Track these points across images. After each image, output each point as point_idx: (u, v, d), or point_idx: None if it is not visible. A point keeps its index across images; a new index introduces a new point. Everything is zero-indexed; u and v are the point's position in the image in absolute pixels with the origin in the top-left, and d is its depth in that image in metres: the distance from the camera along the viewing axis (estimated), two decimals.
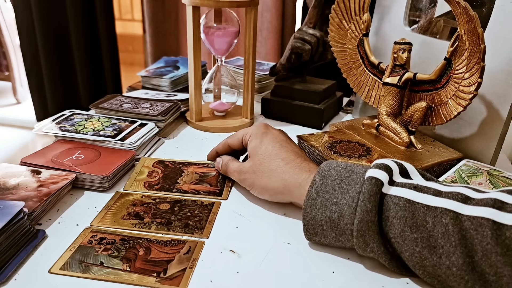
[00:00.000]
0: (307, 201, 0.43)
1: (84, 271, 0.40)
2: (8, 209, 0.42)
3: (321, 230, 0.43)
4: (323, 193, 0.43)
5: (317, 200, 0.43)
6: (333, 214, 0.41)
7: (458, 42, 0.53)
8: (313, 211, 0.43)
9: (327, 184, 0.43)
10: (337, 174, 0.43)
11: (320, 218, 0.42)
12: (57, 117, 0.69)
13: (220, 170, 0.57)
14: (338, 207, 0.41)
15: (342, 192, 0.42)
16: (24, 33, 1.95)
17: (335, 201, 0.42)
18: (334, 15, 0.69)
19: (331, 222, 0.42)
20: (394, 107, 0.62)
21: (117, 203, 0.52)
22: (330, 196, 0.42)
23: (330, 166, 0.45)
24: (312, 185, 0.44)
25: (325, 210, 0.42)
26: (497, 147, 0.58)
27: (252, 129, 0.54)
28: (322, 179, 0.44)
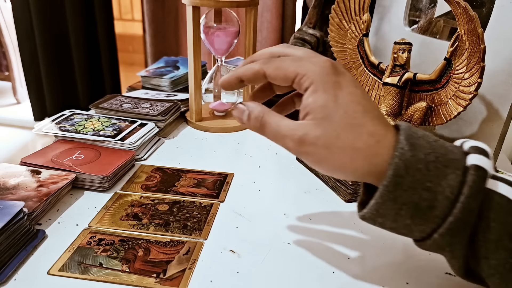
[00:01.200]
0: (392, 178, 0.32)
1: (83, 272, 0.40)
2: (8, 209, 0.42)
3: (396, 213, 0.34)
4: (414, 171, 0.32)
5: (405, 178, 0.32)
6: (422, 202, 0.32)
7: (458, 42, 0.53)
8: (398, 191, 0.33)
9: (419, 158, 0.32)
10: (429, 146, 0.33)
11: (403, 202, 0.33)
12: (57, 117, 0.69)
13: (247, 123, 0.38)
14: (431, 194, 0.32)
15: (438, 175, 0.32)
16: (23, 32, 1.95)
17: (428, 185, 0.32)
18: (334, 15, 0.69)
19: (416, 210, 0.33)
20: (394, 107, 0.62)
21: (116, 204, 0.52)
22: (423, 177, 0.32)
23: (415, 130, 0.35)
24: (400, 156, 0.33)
25: (413, 194, 0.32)
26: (497, 147, 0.58)
27: (312, 70, 0.35)
28: (412, 149, 0.33)
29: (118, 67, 1.97)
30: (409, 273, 0.42)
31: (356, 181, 0.38)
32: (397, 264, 0.43)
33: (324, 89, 0.35)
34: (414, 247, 0.37)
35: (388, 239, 0.47)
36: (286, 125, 0.36)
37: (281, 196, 0.56)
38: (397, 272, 0.42)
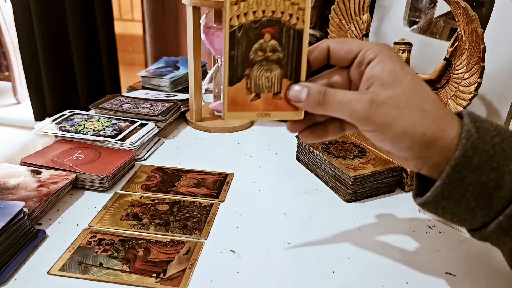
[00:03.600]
0: (460, 158, 0.33)
1: (83, 272, 0.40)
2: (8, 209, 0.42)
3: (461, 195, 0.34)
4: (481, 153, 0.33)
5: (473, 159, 0.33)
6: (489, 182, 0.33)
7: (458, 42, 0.53)
8: (465, 171, 0.33)
9: (485, 140, 0.34)
10: (494, 129, 0.34)
11: (469, 182, 0.34)
12: (57, 117, 0.69)
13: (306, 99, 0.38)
14: (498, 175, 0.33)
15: (505, 156, 0.33)
16: (23, 32, 1.95)
17: (495, 166, 0.33)
18: (334, 16, 0.69)
19: (482, 190, 0.33)
20: None
21: (116, 204, 0.52)
22: (490, 159, 0.33)
23: (478, 115, 0.36)
24: (467, 137, 0.33)
25: (481, 174, 0.33)
26: None
27: (376, 45, 0.38)
28: (479, 131, 0.34)
29: (118, 67, 1.97)
30: (409, 273, 0.42)
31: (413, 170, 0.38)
32: (398, 264, 0.43)
33: (391, 59, 0.36)
34: (414, 247, 0.37)
35: (389, 240, 0.47)
36: (351, 92, 0.36)
37: (281, 196, 0.56)
38: (397, 272, 0.42)
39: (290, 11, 0.37)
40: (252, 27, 0.36)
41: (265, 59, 0.38)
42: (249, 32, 0.36)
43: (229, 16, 0.34)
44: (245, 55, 0.37)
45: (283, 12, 0.37)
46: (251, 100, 0.38)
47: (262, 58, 0.38)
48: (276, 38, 0.37)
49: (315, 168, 0.61)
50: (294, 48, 0.38)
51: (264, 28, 0.37)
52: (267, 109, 0.39)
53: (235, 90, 0.38)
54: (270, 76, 0.38)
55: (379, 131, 0.36)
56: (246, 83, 0.38)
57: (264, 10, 0.37)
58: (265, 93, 0.39)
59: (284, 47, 0.38)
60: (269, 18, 0.37)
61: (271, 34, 0.37)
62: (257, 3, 0.36)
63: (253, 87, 0.38)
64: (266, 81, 0.39)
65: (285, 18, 0.37)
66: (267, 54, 0.38)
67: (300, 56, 0.39)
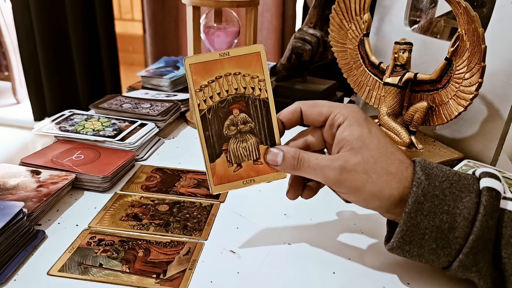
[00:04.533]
0: (413, 205, 0.36)
1: (83, 272, 0.40)
2: (8, 210, 0.42)
3: (421, 239, 0.37)
4: (432, 197, 0.36)
5: (424, 204, 0.36)
6: (443, 224, 0.36)
7: (459, 42, 0.53)
8: (418, 216, 0.36)
9: (435, 186, 0.36)
10: (443, 174, 0.37)
11: (425, 226, 0.36)
12: (56, 117, 0.69)
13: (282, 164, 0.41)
14: (450, 217, 0.36)
15: (455, 199, 0.36)
16: (23, 32, 1.95)
17: (446, 209, 0.36)
18: (334, 15, 0.69)
19: (438, 232, 0.36)
20: (395, 107, 0.62)
21: (116, 204, 0.52)
22: (440, 202, 0.36)
23: (429, 163, 0.39)
24: (417, 185, 0.36)
25: (434, 218, 0.36)
26: (497, 147, 0.58)
27: (345, 109, 0.40)
28: (428, 178, 0.37)
29: (118, 67, 1.97)
30: (411, 273, 0.42)
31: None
32: (399, 265, 0.43)
33: (359, 123, 0.39)
34: None
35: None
36: (324, 158, 0.39)
37: (281, 196, 0.56)
38: (399, 272, 0.42)
39: (251, 85, 0.40)
40: (220, 107, 0.39)
41: (239, 131, 0.40)
42: (218, 112, 0.39)
43: (196, 102, 0.37)
44: (219, 132, 0.40)
45: (245, 87, 0.40)
46: (234, 171, 0.41)
47: (236, 131, 0.40)
48: (244, 111, 0.40)
49: None
50: (263, 116, 0.41)
51: (231, 105, 0.39)
52: (251, 175, 0.42)
53: (217, 166, 0.41)
54: (247, 146, 0.41)
55: (351, 194, 0.39)
56: (226, 157, 0.40)
57: (227, 90, 0.39)
58: (246, 162, 0.41)
59: (254, 117, 0.41)
60: (233, 95, 0.39)
61: (239, 109, 0.40)
62: (219, 84, 0.38)
63: (233, 158, 0.41)
64: (244, 151, 0.41)
65: (249, 92, 0.40)
66: (240, 127, 0.40)
67: (271, 121, 0.42)
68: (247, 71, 0.40)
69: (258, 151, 0.41)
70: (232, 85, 0.39)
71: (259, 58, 0.40)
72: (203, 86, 0.37)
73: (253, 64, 0.40)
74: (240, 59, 0.39)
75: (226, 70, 0.38)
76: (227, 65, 0.38)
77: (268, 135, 0.42)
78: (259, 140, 0.41)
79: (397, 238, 0.37)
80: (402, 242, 0.37)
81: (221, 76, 0.38)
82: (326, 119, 0.41)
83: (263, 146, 0.41)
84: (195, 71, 0.37)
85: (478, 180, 0.38)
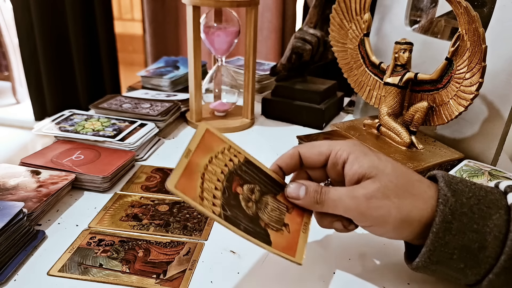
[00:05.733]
0: (440, 224, 0.34)
1: (83, 273, 0.40)
2: (8, 210, 0.42)
3: (449, 259, 0.35)
4: (460, 216, 0.34)
5: (453, 223, 0.34)
6: (472, 244, 0.34)
7: (459, 42, 0.53)
8: (447, 236, 0.34)
9: (462, 203, 0.35)
10: (469, 190, 0.36)
11: (454, 246, 0.34)
12: (56, 117, 0.69)
13: (304, 197, 0.39)
14: (479, 236, 0.34)
15: (484, 217, 0.34)
16: (23, 32, 1.94)
17: (475, 227, 0.34)
18: (335, 15, 0.69)
19: (468, 252, 0.34)
20: (395, 107, 0.62)
21: (116, 204, 0.52)
22: (469, 221, 0.34)
23: (453, 177, 0.37)
24: (444, 203, 0.35)
25: (463, 237, 0.34)
26: (498, 147, 0.58)
27: (345, 144, 0.40)
28: (455, 195, 0.35)
29: (118, 67, 1.97)
30: (411, 273, 0.42)
31: None
32: (399, 265, 0.43)
33: (365, 154, 0.38)
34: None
35: (390, 240, 0.47)
36: (344, 189, 0.37)
37: None
38: (399, 272, 0.42)
39: (227, 159, 0.39)
40: (226, 198, 0.37)
41: (256, 202, 0.39)
42: (230, 203, 0.37)
43: (210, 213, 0.34)
44: (247, 218, 0.37)
45: (226, 164, 0.39)
46: (289, 232, 0.39)
47: (254, 204, 0.39)
48: (243, 183, 0.39)
49: None
50: (257, 173, 0.41)
51: (231, 188, 0.38)
52: (300, 222, 0.40)
53: (276, 243, 0.37)
54: (271, 207, 0.40)
55: (377, 225, 0.37)
56: (272, 229, 0.38)
57: (217, 179, 0.37)
58: (285, 217, 0.40)
59: (253, 181, 0.40)
60: (225, 179, 0.38)
61: (239, 185, 0.39)
62: (208, 181, 0.36)
63: (276, 225, 0.38)
64: (275, 212, 0.39)
65: (231, 165, 0.39)
66: (253, 198, 0.39)
67: (265, 172, 0.42)
68: (214, 151, 0.39)
69: (280, 201, 0.41)
70: (216, 173, 0.37)
71: (211, 134, 0.39)
72: (199, 195, 0.35)
73: (213, 143, 0.39)
74: (201, 147, 0.38)
75: (201, 165, 0.37)
76: (198, 160, 0.37)
77: (274, 184, 0.41)
78: (272, 194, 0.40)
79: (423, 258, 0.35)
80: (429, 262, 0.35)
81: (204, 173, 0.36)
82: (327, 158, 0.40)
83: (279, 195, 0.41)
84: (183, 187, 0.34)
85: (504, 195, 0.36)
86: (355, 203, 0.36)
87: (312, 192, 0.39)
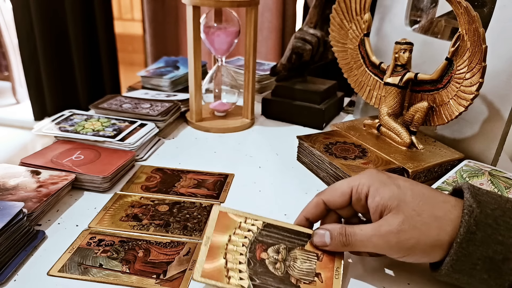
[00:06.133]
0: (465, 235, 0.34)
1: (83, 273, 0.40)
2: (8, 210, 0.42)
3: (472, 269, 0.35)
4: (484, 227, 0.34)
5: (477, 234, 0.34)
6: (496, 255, 0.34)
7: (459, 42, 0.53)
8: (471, 247, 0.34)
9: (487, 214, 0.35)
10: (494, 201, 0.36)
11: (477, 257, 0.35)
12: (56, 117, 0.69)
13: (331, 243, 0.40)
14: (504, 247, 0.34)
15: (509, 228, 0.34)
16: (23, 32, 1.94)
17: (500, 239, 0.34)
18: (335, 15, 0.69)
19: (491, 264, 0.34)
20: (395, 107, 0.62)
21: (116, 204, 0.52)
22: (494, 232, 0.34)
23: (478, 188, 0.37)
24: (469, 213, 0.35)
25: (487, 249, 0.34)
26: (498, 148, 0.58)
27: (363, 178, 0.40)
28: (480, 206, 0.35)
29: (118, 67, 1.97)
30: (411, 274, 0.42)
31: None
32: (399, 265, 0.43)
33: (384, 184, 0.39)
34: None
35: None
36: (368, 227, 0.38)
37: (281, 196, 0.56)
38: (399, 273, 0.42)
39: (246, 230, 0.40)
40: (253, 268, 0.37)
41: (283, 261, 0.39)
42: (257, 272, 0.37)
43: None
44: (278, 279, 0.37)
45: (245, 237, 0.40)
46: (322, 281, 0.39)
47: (282, 264, 0.39)
48: (267, 248, 0.39)
49: (316, 168, 0.61)
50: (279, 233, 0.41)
51: (255, 257, 0.38)
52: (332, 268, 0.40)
53: None
54: (301, 260, 0.40)
55: (409, 255, 0.37)
56: (305, 282, 0.38)
57: (241, 253, 0.38)
58: (317, 264, 0.40)
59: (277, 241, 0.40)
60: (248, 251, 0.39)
61: (263, 251, 0.39)
62: (233, 258, 0.38)
63: (308, 277, 0.38)
64: (305, 264, 0.39)
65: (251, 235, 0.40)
66: (279, 259, 0.39)
67: (288, 228, 0.42)
68: (231, 229, 0.40)
69: (309, 250, 0.41)
70: (237, 249, 0.39)
71: (225, 214, 0.41)
72: (225, 275, 0.36)
73: (229, 221, 0.40)
74: (218, 229, 0.39)
75: (222, 247, 0.38)
76: (218, 242, 0.38)
77: (299, 236, 0.42)
78: (300, 247, 0.41)
79: (447, 267, 0.36)
80: (452, 271, 0.36)
81: (225, 253, 0.38)
82: (350, 196, 0.40)
83: (307, 245, 0.41)
84: (209, 274, 0.36)
85: None
86: (383, 241, 0.37)
87: (337, 236, 0.39)
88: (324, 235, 0.40)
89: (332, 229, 0.40)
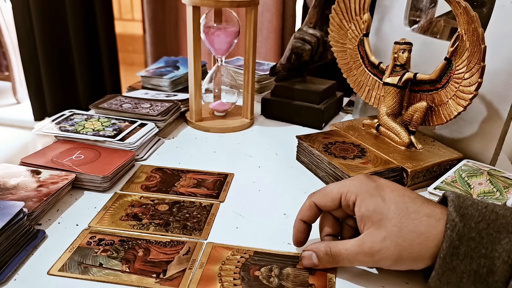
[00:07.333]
0: (447, 249, 0.35)
1: (83, 272, 0.40)
2: (8, 209, 0.42)
3: (459, 281, 0.35)
4: (468, 240, 0.35)
5: (460, 249, 0.35)
6: (481, 269, 0.34)
7: (459, 42, 0.53)
8: (454, 261, 0.35)
9: (470, 228, 0.35)
10: (479, 214, 0.36)
11: (462, 271, 0.35)
12: (57, 117, 0.69)
13: (319, 263, 0.41)
14: (488, 260, 0.34)
15: (492, 241, 0.34)
16: (23, 32, 1.94)
17: (483, 252, 0.34)
18: (334, 15, 0.69)
19: (476, 277, 0.35)
20: (394, 107, 0.62)
21: (116, 204, 0.52)
22: (477, 246, 0.34)
23: (464, 200, 0.37)
24: (451, 228, 0.35)
25: (471, 262, 0.35)
26: (497, 147, 0.58)
27: (353, 185, 0.41)
28: (463, 219, 0.35)
29: (118, 67, 1.97)
30: (409, 273, 0.42)
31: None
32: None
33: (370, 194, 0.39)
34: None
35: None
36: (352, 244, 0.39)
37: (281, 196, 0.56)
38: (397, 272, 0.42)
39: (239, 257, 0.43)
40: (248, 282, 0.39)
41: (277, 276, 0.40)
42: (251, 284, 0.39)
43: None
44: None
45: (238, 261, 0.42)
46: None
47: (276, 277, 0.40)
48: (260, 268, 0.41)
49: (315, 168, 0.61)
50: (270, 257, 0.43)
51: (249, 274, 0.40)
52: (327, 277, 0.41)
53: None
54: (292, 275, 0.41)
55: (393, 266, 0.38)
56: None
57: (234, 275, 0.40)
58: (310, 277, 0.41)
59: (268, 263, 0.42)
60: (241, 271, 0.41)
61: (256, 270, 0.41)
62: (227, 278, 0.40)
63: (302, 287, 0.40)
64: (296, 277, 0.40)
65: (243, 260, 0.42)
66: (273, 274, 0.41)
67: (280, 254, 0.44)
68: (223, 258, 0.42)
69: (301, 269, 0.42)
70: (231, 270, 0.41)
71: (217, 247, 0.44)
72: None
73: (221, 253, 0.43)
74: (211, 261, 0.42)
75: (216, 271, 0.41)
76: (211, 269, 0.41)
77: (289, 259, 0.43)
78: (291, 266, 0.42)
79: (434, 280, 0.36)
80: (440, 284, 0.36)
81: (220, 273, 0.40)
82: (340, 202, 0.41)
83: (298, 264, 0.42)
84: None
85: None
86: (368, 258, 0.38)
87: (323, 256, 0.40)
88: (312, 257, 0.41)
89: (317, 250, 0.41)
